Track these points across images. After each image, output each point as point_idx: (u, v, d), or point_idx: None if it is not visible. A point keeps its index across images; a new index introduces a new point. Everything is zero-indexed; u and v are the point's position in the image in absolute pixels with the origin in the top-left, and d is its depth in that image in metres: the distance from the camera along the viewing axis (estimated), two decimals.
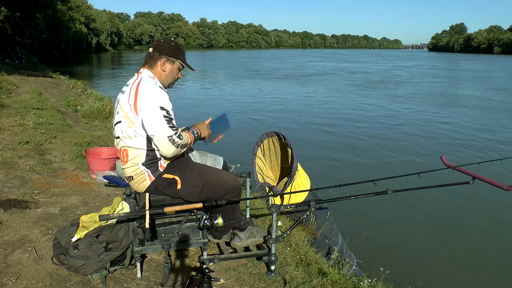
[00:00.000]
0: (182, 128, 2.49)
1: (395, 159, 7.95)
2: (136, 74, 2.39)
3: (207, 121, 2.58)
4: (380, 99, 17.09)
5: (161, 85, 2.36)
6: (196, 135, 2.41)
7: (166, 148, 2.19)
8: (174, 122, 2.24)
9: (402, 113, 13.80)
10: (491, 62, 59.43)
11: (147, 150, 2.27)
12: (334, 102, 16.14)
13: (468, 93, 20.05)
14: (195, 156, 2.62)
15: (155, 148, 2.27)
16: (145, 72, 2.36)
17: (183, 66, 2.45)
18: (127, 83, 2.35)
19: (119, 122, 2.28)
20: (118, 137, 2.32)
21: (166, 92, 2.30)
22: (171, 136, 2.17)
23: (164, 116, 2.18)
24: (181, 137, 2.22)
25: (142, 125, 2.21)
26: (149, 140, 2.25)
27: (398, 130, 10.98)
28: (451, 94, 19.58)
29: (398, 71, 35.84)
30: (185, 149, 2.29)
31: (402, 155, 8.35)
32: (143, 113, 2.19)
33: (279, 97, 17.61)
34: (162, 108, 2.18)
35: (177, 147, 2.21)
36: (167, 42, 2.42)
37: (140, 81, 2.27)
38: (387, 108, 14.75)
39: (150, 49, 2.40)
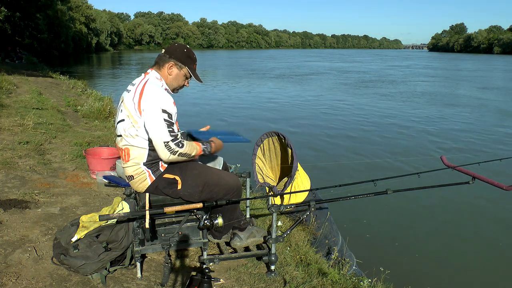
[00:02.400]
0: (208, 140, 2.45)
1: (395, 159, 7.95)
2: (143, 74, 2.39)
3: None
4: (379, 99, 17.10)
5: (167, 88, 2.37)
6: (207, 152, 2.38)
7: (162, 153, 2.19)
8: (175, 127, 2.22)
9: (401, 113, 13.81)
10: (490, 62, 59.39)
11: (149, 149, 2.26)
12: (332, 102, 16.13)
13: (467, 93, 20.05)
14: None
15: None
16: (152, 73, 2.36)
17: (190, 75, 2.44)
18: (133, 82, 2.35)
19: (122, 120, 2.28)
20: (120, 135, 2.32)
21: (172, 96, 2.29)
22: (167, 142, 2.16)
23: (165, 120, 2.17)
24: (180, 145, 2.19)
25: (144, 126, 2.21)
26: (150, 140, 2.24)
27: (398, 130, 10.98)
28: (450, 94, 19.58)
29: (395, 71, 35.83)
30: (185, 158, 2.26)
31: (402, 155, 8.35)
32: (145, 114, 2.19)
33: (278, 97, 17.61)
34: (164, 111, 2.17)
35: (174, 154, 2.19)
36: (180, 47, 2.41)
37: (146, 81, 2.27)
38: (387, 108, 14.75)
39: (163, 51, 2.41)
